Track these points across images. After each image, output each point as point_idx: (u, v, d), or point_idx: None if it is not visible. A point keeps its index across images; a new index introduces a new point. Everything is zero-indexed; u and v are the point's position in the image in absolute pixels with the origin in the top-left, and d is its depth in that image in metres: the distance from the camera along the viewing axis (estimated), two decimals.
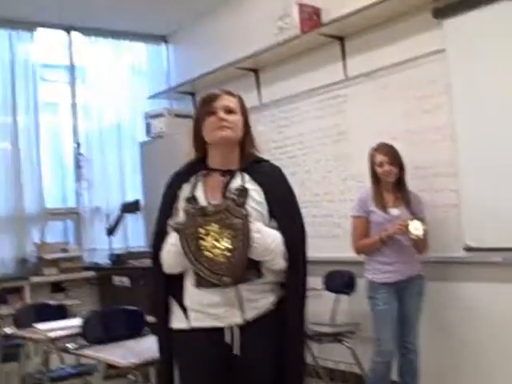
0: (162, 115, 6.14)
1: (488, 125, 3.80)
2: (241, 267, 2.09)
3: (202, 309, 2.16)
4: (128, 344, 3.24)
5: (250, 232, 2.08)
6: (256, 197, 2.20)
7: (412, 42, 4.30)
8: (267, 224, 2.19)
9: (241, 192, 2.17)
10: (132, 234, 6.42)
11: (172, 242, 2.17)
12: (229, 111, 2.22)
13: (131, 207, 6.07)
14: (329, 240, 4.83)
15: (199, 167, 2.27)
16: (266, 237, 2.14)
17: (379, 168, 3.88)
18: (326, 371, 4.73)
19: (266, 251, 2.14)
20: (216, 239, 2.07)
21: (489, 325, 3.87)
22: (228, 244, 2.07)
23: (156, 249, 2.26)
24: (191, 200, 2.18)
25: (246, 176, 2.23)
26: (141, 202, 6.13)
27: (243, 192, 2.17)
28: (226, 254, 2.06)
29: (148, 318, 3.46)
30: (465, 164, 3.94)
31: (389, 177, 3.87)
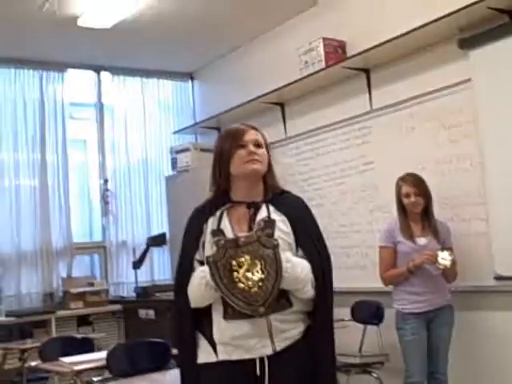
0: (188, 150, 6.23)
1: None
2: (274, 297, 2.08)
3: (232, 341, 2.13)
4: (153, 377, 3.22)
5: (281, 262, 2.08)
6: (283, 227, 2.19)
7: (438, 73, 4.30)
8: (295, 254, 2.18)
9: (267, 223, 2.16)
10: (158, 267, 6.47)
11: (201, 276, 2.14)
12: (257, 145, 2.24)
13: (157, 241, 6.09)
14: (356, 270, 4.79)
15: (223, 200, 2.26)
16: (296, 266, 2.13)
17: (406, 199, 3.85)
18: None
19: (297, 280, 2.13)
20: (248, 270, 2.05)
21: None
22: (260, 275, 2.05)
23: (182, 284, 2.23)
24: (217, 233, 2.16)
25: (271, 207, 2.23)
26: (167, 236, 6.15)
27: (270, 223, 2.16)
28: (260, 285, 2.05)
29: (174, 351, 3.42)
30: (493, 192, 3.89)
31: (415, 208, 3.84)
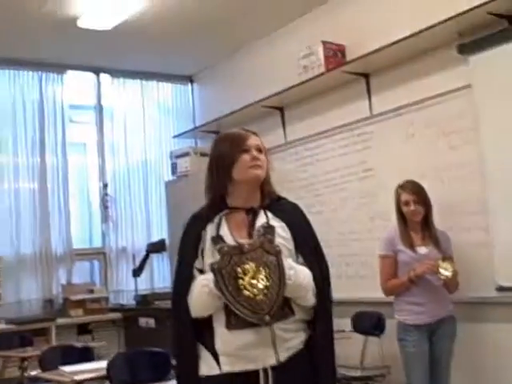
0: (188, 154, 6.20)
1: None
2: (278, 305, 2.04)
3: (235, 352, 2.08)
4: None
5: (284, 269, 2.05)
6: (282, 233, 2.15)
7: (438, 79, 4.27)
8: (295, 260, 2.15)
9: (267, 229, 2.13)
10: (157, 275, 6.43)
11: (204, 284, 2.09)
12: (259, 150, 2.21)
13: (157, 247, 6.06)
14: (356, 280, 4.74)
15: (220, 206, 2.22)
16: (299, 273, 2.10)
17: (405, 207, 3.80)
18: None
19: (300, 287, 2.09)
20: (253, 278, 2.01)
21: None
22: (265, 282, 2.01)
23: (181, 293, 2.16)
24: (218, 240, 2.12)
25: (269, 213, 2.20)
26: (166, 242, 6.11)
27: (269, 229, 2.13)
28: (265, 292, 2.01)
29: (174, 362, 3.39)
30: (495, 201, 3.85)
31: (415, 216, 3.79)
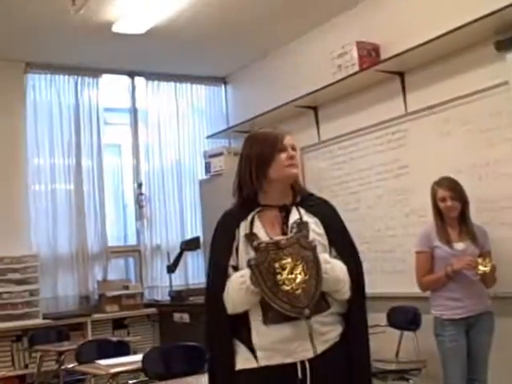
0: (221, 154, 6.26)
1: None
2: (316, 299, 2.07)
3: (273, 346, 2.10)
4: (188, 380, 3.21)
5: (320, 263, 2.07)
6: (316, 229, 2.18)
7: (474, 76, 4.25)
8: (329, 255, 2.17)
9: (301, 225, 2.16)
10: (192, 271, 6.49)
11: (241, 281, 2.11)
12: (294, 149, 2.25)
13: (191, 245, 6.13)
14: (392, 275, 4.74)
15: (251, 204, 2.25)
16: (335, 267, 2.13)
17: (442, 203, 3.79)
18: None
19: (336, 281, 2.12)
20: (291, 272, 2.03)
21: None
22: (303, 276, 2.03)
23: (216, 290, 2.18)
24: (252, 237, 2.15)
25: (302, 210, 2.22)
26: (200, 239, 6.19)
27: (303, 225, 2.16)
28: (303, 287, 2.03)
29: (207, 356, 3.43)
30: None
31: (451, 212, 3.77)
